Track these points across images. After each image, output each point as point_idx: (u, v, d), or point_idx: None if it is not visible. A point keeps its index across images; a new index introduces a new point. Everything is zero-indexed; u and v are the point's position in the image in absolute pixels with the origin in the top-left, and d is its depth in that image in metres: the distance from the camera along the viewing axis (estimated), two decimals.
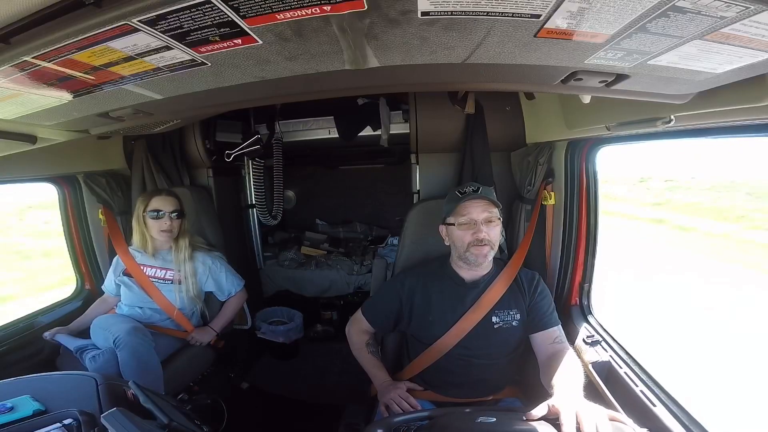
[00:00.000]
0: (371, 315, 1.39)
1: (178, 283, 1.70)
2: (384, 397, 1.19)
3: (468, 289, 1.28)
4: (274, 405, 2.19)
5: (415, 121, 1.71)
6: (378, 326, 1.41)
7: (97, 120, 0.87)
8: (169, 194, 1.72)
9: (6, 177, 1.56)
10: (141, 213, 1.67)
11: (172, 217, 1.66)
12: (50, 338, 1.56)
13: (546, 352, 1.20)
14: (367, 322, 1.39)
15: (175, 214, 1.68)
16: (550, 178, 1.51)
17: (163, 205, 1.66)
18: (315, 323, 2.92)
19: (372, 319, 1.39)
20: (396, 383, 1.25)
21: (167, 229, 1.66)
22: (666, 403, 1.00)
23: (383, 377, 1.28)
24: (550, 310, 1.27)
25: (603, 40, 0.52)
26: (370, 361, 1.34)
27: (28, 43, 0.50)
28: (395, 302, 1.33)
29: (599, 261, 1.44)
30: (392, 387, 1.22)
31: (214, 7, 0.43)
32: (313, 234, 3.37)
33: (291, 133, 2.40)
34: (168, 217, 1.65)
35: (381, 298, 1.40)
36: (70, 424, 0.83)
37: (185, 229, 1.73)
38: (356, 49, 0.56)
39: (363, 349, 1.37)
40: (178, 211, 1.69)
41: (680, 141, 1.06)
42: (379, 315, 1.38)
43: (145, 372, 1.39)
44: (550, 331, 1.24)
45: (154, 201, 1.67)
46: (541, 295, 1.28)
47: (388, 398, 1.17)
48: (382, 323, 1.39)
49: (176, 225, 1.69)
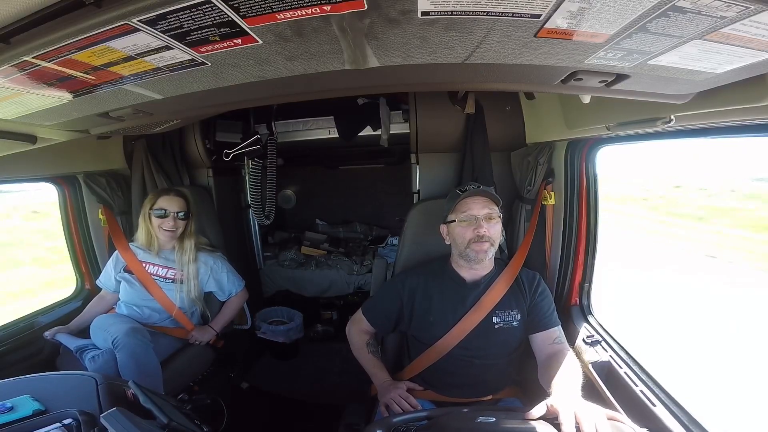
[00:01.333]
0: (371, 315, 1.39)
1: (180, 283, 1.70)
2: (384, 397, 1.19)
3: (469, 290, 1.28)
4: (274, 405, 2.19)
5: (415, 121, 1.71)
6: (378, 326, 1.40)
7: (97, 120, 0.87)
8: (178, 194, 1.71)
9: (6, 177, 1.56)
10: (147, 210, 1.68)
11: (177, 217, 1.66)
12: (50, 338, 1.56)
13: (545, 352, 1.20)
14: (368, 323, 1.39)
15: (181, 214, 1.67)
16: (550, 178, 1.51)
17: (169, 205, 1.66)
18: (315, 323, 2.92)
19: (372, 319, 1.38)
20: (396, 383, 1.25)
21: (170, 229, 1.66)
22: (666, 403, 1.00)
23: (383, 377, 1.28)
24: (551, 310, 1.27)
25: (603, 40, 0.52)
26: (370, 361, 1.33)
27: (28, 43, 0.50)
28: (396, 302, 1.33)
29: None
30: (392, 387, 1.22)
31: (214, 7, 0.43)
32: (313, 234, 3.37)
33: (291, 133, 2.40)
34: (173, 217, 1.65)
35: (381, 299, 1.40)
36: (69, 424, 0.83)
37: (191, 231, 1.73)
38: (356, 49, 0.56)
39: (363, 348, 1.36)
40: (184, 212, 1.68)
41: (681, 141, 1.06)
42: (380, 315, 1.38)
43: (144, 373, 1.39)
44: (550, 332, 1.24)
45: (162, 200, 1.67)
46: (542, 295, 1.28)
47: (388, 398, 1.17)
48: (383, 323, 1.38)
49: (181, 225, 1.68)
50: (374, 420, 1.16)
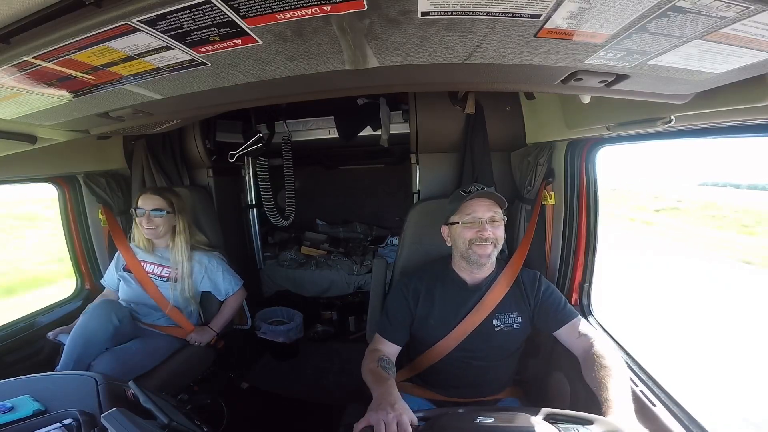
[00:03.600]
0: (390, 333, 1.27)
1: (174, 281, 1.71)
2: (372, 415, 0.86)
3: (470, 292, 1.27)
4: (273, 405, 2.19)
5: (415, 121, 1.71)
6: (400, 340, 1.27)
7: (97, 120, 0.87)
8: (155, 193, 1.69)
9: (6, 177, 1.57)
10: (132, 210, 1.70)
11: (151, 215, 1.64)
12: (53, 338, 1.56)
13: (579, 348, 1.14)
14: (391, 343, 1.25)
15: (157, 212, 1.65)
16: (550, 178, 1.51)
17: (145, 203, 1.65)
18: (315, 323, 2.92)
19: (392, 335, 1.26)
20: (395, 407, 0.88)
21: (148, 227, 1.65)
22: (666, 403, 1.00)
23: (386, 390, 0.96)
24: (563, 304, 1.24)
25: (603, 40, 0.52)
26: (372, 373, 1.09)
27: (28, 43, 0.50)
28: (406, 309, 1.28)
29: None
30: (390, 409, 0.87)
31: (214, 7, 0.43)
32: (313, 234, 3.37)
33: (291, 133, 2.40)
34: (147, 215, 1.64)
35: (393, 311, 1.30)
36: (70, 424, 0.83)
37: (181, 229, 1.71)
38: (356, 49, 0.56)
39: (373, 363, 1.14)
40: (159, 210, 1.66)
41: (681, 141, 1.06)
42: (398, 328, 1.27)
43: (87, 342, 1.42)
44: (571, 325, 1.19)
45: (140, 199, 1.67)
46: (547, 292, 1.26)
47: (378, 419, 0.84)
48: (403, 336, 1.28)
49: (160, 223, 1.66)
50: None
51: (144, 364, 1.52)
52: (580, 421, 0.83)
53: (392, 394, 0.94)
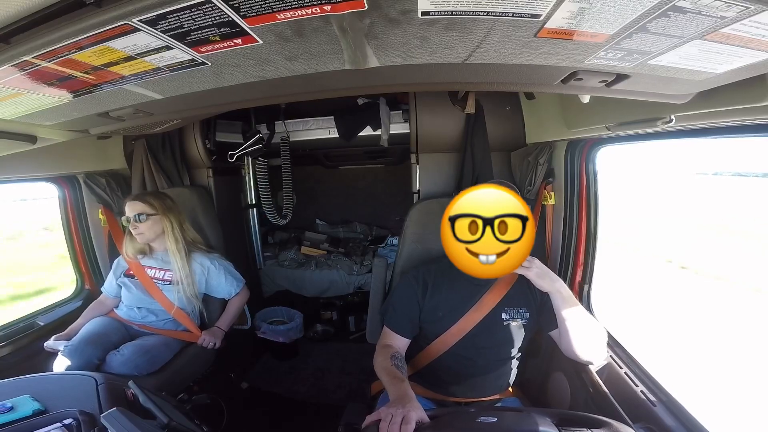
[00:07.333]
0: (395, 323, 1.26)
1: (176, 284, 1.70)
2: (384, 410, 0.89)
3: (478, 286, 1.26)
4: (274, 405, 2.19)
5: (415, 121, 1.71)
6: (410, 332, 1.27)
7: (97, 120, 0.87)
8: (136, 198, 1.67)
9: (6, 177, 1.56)
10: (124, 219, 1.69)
11: (135, 220, 1.63)
12: (51, 349, 1.52)
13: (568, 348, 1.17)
14: (401, 336, 1.25)
15: (138, 216, 1.63)
16: (550, 178, 1.51)
17: (128, 211, 1.65)
18: (315, 323, 2.92)
19: (397, 326, 1.26)
20: (406, 406, 0.90)
21: (136, 233, 1.65)
22: (666, 403, 1.00)
23: (403, 391, 0.99)
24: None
25: (603, 40, 0.52)
26: (388, 371, 1.10)
27: (28, 43, 0.50)
28: (414, 297, 1.28)
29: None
30: (401, 405, 0.90)
31: (215, 6, 0.43)
32: (313, 234, 3.37)
33: (291, 133, 2.40)
34: (132, 220, 1.63)
35: (399, 301, 1.30)
36: (69, 424, 0.83)
37: (172, 231, 1.69)
38: (356, 49, 0.56)
39: (386, 361, 1.15)
40: (140, 214, 1.64)
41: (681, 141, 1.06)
42: (404, 319, 1.27)
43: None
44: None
45: (126, 207, 1.66)
46: None
47: (387, 412, 0.88)
48: (411, 328, 1.27)
49: (144, 228, 1.64)
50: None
51: (164, 357, 1.58)
52: (588, 424, 0.82)
53: (408, 394, 0.97)
